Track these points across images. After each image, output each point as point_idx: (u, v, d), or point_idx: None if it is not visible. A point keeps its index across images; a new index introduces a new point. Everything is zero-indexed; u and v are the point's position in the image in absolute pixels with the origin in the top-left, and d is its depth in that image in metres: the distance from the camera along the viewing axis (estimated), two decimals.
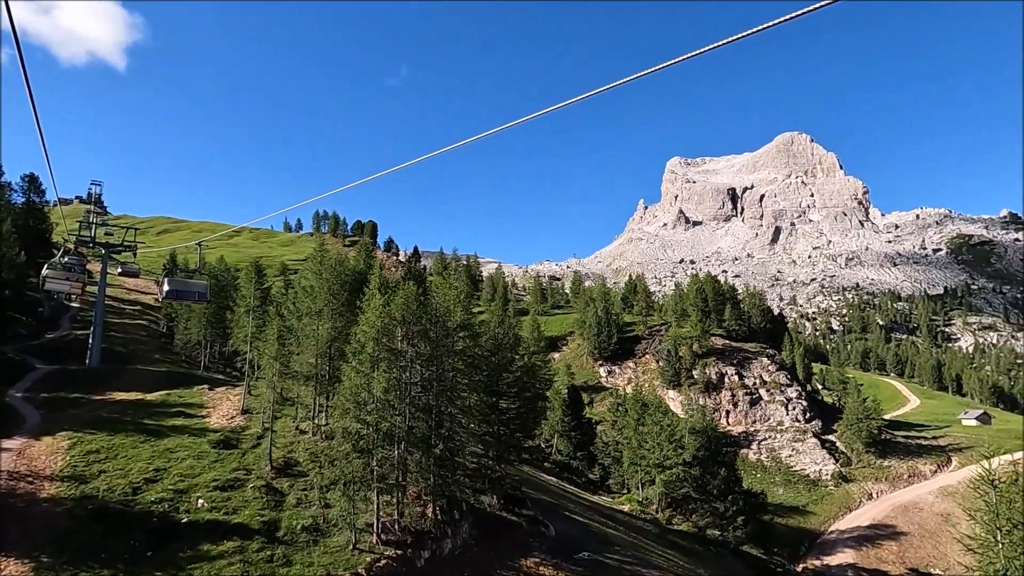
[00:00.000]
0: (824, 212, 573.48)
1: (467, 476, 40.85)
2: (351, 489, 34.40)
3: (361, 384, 36.01)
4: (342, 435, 34.85)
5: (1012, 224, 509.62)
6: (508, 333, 47.76)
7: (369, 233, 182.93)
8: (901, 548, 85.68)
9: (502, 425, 45.58)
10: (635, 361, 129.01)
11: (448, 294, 43.51)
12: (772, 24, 5.16)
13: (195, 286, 18.16)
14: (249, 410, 51.48)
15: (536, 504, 49.89)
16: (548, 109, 7.60)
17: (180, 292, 17.88)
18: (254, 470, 41.65)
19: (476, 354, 43.18)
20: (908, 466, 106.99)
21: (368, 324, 37.35)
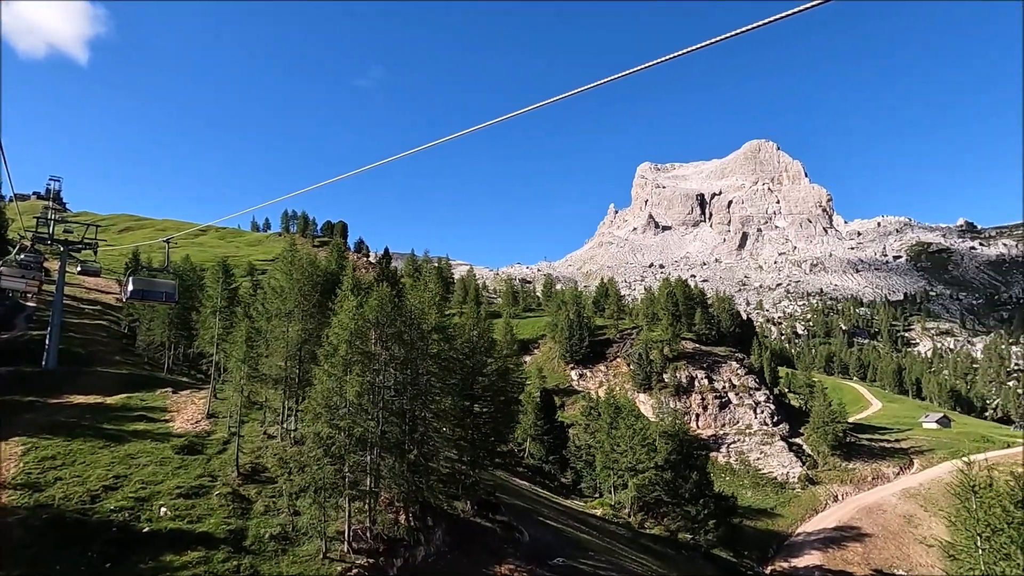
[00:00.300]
0: (790, 219, 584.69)
1: (441, 481, 40.09)
2: (322, 496, 33.42)
3: (333, 388, 35.06)
4: (313, 440, 33.84)
5: (968, 233, 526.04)
6: (483, 336, 47.13)
7: (339, 234, 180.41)
8: (866, 549, 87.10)
9: (476, 429, 44.91)
10: (606, 364, 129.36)
11: (423, 296, 42.74)
12: (742, 31, 5.12)
13: (162, 286, 17.09)
14: (215, 414, 49.97)
15: (510, 509, 49.31)
16: (519, 111, 7.51)
17: (146, 292, 16.75)
18: (220, 476, 40.32)
19: (451, 357, 42.49)
20: (872, 468, 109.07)
21: (341, 326, 36.41)
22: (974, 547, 26.46)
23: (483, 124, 7.95)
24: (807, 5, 4.44)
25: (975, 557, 26.23)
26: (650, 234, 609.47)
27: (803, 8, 4.64)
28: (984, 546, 25.88)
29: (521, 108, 7.47)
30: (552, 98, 6.95)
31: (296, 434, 44.22)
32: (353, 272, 53.74)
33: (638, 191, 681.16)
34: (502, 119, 7.82)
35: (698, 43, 5.47)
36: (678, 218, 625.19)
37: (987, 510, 26.68)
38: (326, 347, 36.62)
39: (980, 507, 27.07)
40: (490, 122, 7.88)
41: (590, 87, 6.28)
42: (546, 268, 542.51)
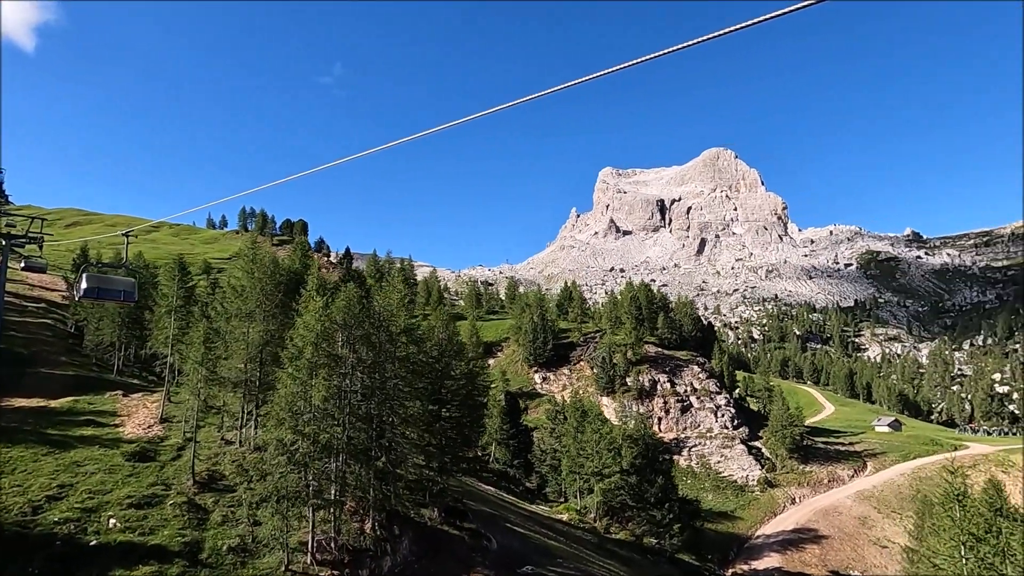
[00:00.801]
0: (746, 226, 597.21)
1: (408, 489, 38.87)
2: (284, 505, 31.90)
3: (298, 392, 33.58)
4: (276, 447, 32.29)
5: (914, 242, 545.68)
6: (452, 339, 46.04)
7: (299, 232, 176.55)
8: (823, 551, 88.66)
9: (445, 434, 43.78)
10: (570, 368, 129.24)
11: (391, 297, 41.44)
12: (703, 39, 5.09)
13: (119, 283, 15.56)
14: (169, 418, 47.74)
15: (477, 516, 48.30)
16: (481, 113, 7.42)
17: (101, 290, 15.20)
18: (174, 485, 38.36)
19: (420, 361, 41.29)
20: (828, 471, 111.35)
21: (307, 328, 34.91)
22: (959, 556, 26.64)
23: (444, 125, 7.84)
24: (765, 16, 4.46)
25: (959, 566, 26.39)
26: (611, 238, 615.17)
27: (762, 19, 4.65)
28: (968, 555, 26.07)
29: (483, 110, 7.40)
30: (514, 101, 6.91)
31: (257, 440, 42.43)
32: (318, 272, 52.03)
33: (600, 195, 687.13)
34: (464, 120, 7.71)
35: (660, 50, 5.52)
36: (639, 223, 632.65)
37: (970, 519, 26.90)
38: (290, 349, 35.09)
39: (964, 516, 27.30)
40: (451, 123, 7.72)
41: (552, 91, 6.32)
42: (508, 270, 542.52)
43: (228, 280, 51.25)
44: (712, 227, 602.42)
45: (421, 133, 8.35)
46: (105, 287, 15.80)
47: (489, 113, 7.25)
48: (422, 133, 8.36)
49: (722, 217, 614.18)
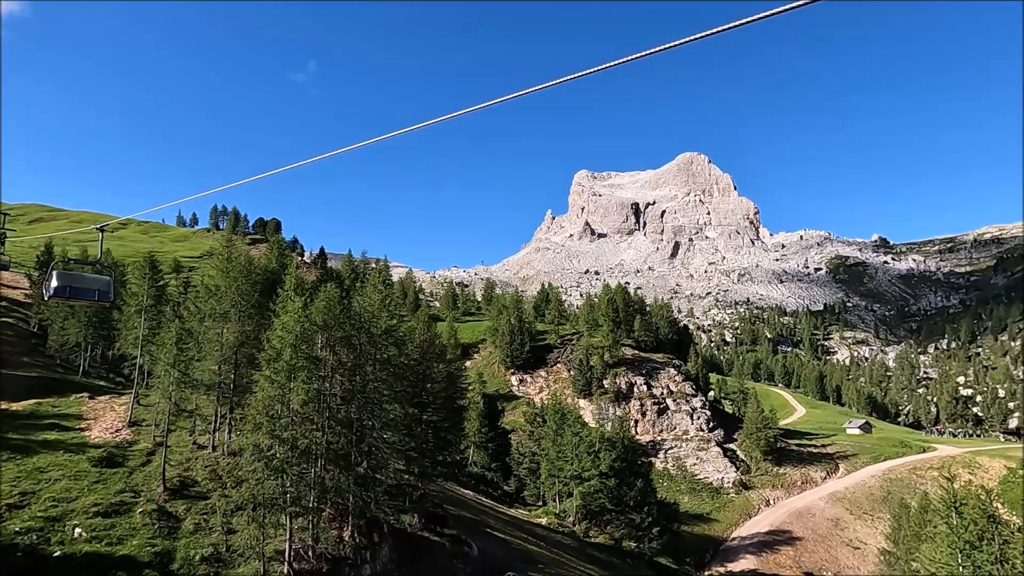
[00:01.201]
0: (719, 230, 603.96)
1: (388, 494, 37.86)
2: (261, 513, 30.74)
3: (275, 396, 32.43)
4: (253, 452, 31.10)
5: (882, 248, 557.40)
6: (434, 341, 45.12)
7: (273, 231, 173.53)
8: (797, 553, 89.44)
9: (426, 439, 42.85)
10: (547, 370, 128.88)
11: (372, 298, 40.41)
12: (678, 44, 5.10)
13: (94, 282, 14.20)
14: (138, 422, 46.09)
15: (457, 521, 47.45)
16: (457, 113, 7.35)
17: (75, 289, 13.82)
18: (144, 492, 36.91)
19: (401, 363, 40.33)
20: (801, 473, 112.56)
21: (286, 329, 33.77)
22: (956, 563, 26.62)
23: (419, 125, 7.81)
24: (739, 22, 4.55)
25: (957, 573, 26.35)
26: (586, 241, 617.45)
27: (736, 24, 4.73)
28: (966, 563, 26.07)
29: (458, 110, 7.30)
30: (490, 101, 6.82)
31: (231, 445, 41.07)
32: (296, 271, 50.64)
33: (575, 198, 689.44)
34: (439, 120, 7.64)
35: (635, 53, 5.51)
36: (613, 226, 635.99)
37: (967, 527, 26.89)
38: (268, 351, 33.90)
39: (961, 524, 27.28)
40: (427, 123, 7.68)
41: (527, 92, 6.31)
42: (483, 272, 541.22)
43: (202, 279, 49.68)
44: (686, 231, 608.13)
45: (395, 132, 8.24)
46: (78, 286, 14.35)
47: (464, 113, 7.18)
48: (396, 132, 8.25)
49: (695, 221, 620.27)
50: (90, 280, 14.35)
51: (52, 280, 14.04)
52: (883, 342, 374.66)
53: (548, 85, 6.10)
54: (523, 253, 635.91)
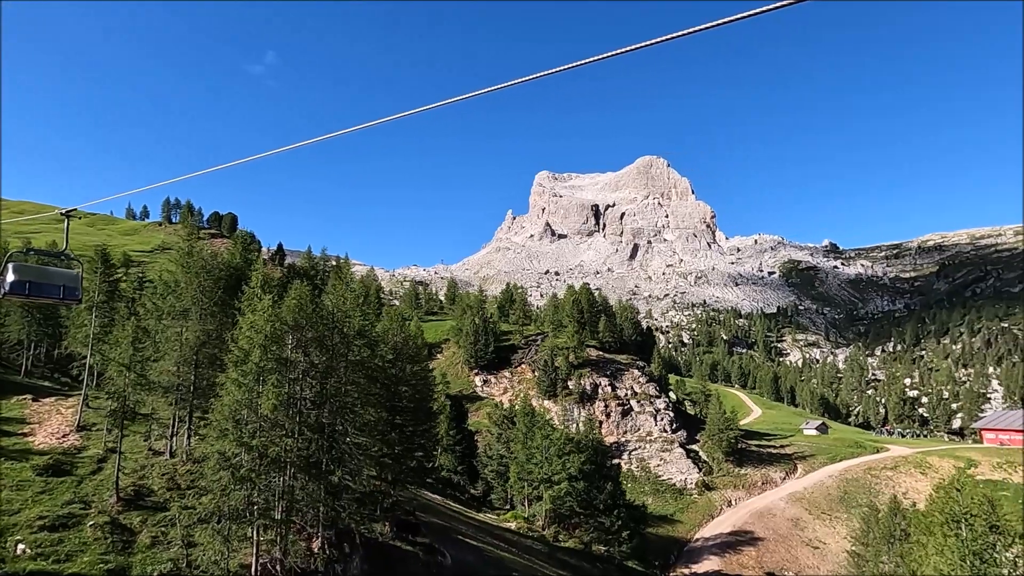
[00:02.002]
0: (677, 233, 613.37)
1: (359, 502, 36.05)
2: (226, 526, 28.65)
3: (243, 400, 30.33)
4: (218, 461, 28.95)
5: (832, 253, 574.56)
6: (407, 342, 43.41)
7: (228, 226, 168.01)
8: (759, 553, 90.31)
9: (399, 444, 41.11)
10: (511, 371, 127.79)
11: (345, 296, 38.47)
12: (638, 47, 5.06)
13: (60, 277, 11.85)
14: (87, 426, 43.09)
15: (429, 529, 45.81)
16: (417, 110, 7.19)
17: (36, 286, 11.35)
18: (95, 503, 34.28)
19: (375, 365, 38.51)
20: (762, 473, 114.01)
21: (254, 329, 31.66)
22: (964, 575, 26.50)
23: (378, 120, 7.66)
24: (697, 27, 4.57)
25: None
26: (546, 241, 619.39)
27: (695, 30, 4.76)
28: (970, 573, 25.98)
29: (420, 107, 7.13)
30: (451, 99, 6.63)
31: (191, 451, 38.59)
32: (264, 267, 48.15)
33: (536, 199, 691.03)
34: (399, 116, 7.54)
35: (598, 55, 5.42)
36: (574, 227, 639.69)
37: (975, 539, 26.73)
38: (235, 352, 31.72)
39: (970, 536, 27.15)
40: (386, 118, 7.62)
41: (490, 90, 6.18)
42: (443, 271, 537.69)
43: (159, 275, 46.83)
44: (644, 233, 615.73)
45: (353, 128, 7.99)
46: (40, 281, 12.01)
47: (425, 110, 7.06)
48: (354, 128, 8.00)
49: (654, 224, 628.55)
50: (54, 275, 12.13)
51: (7, 274, 11.75)
52: (833, 344, 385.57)
53: (509, 84, 5.95)
54: (483, 252, 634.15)
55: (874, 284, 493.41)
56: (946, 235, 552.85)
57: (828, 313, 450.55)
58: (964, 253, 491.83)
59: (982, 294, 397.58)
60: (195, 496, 31.54)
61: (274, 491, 31.07)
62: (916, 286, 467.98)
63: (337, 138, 7.43)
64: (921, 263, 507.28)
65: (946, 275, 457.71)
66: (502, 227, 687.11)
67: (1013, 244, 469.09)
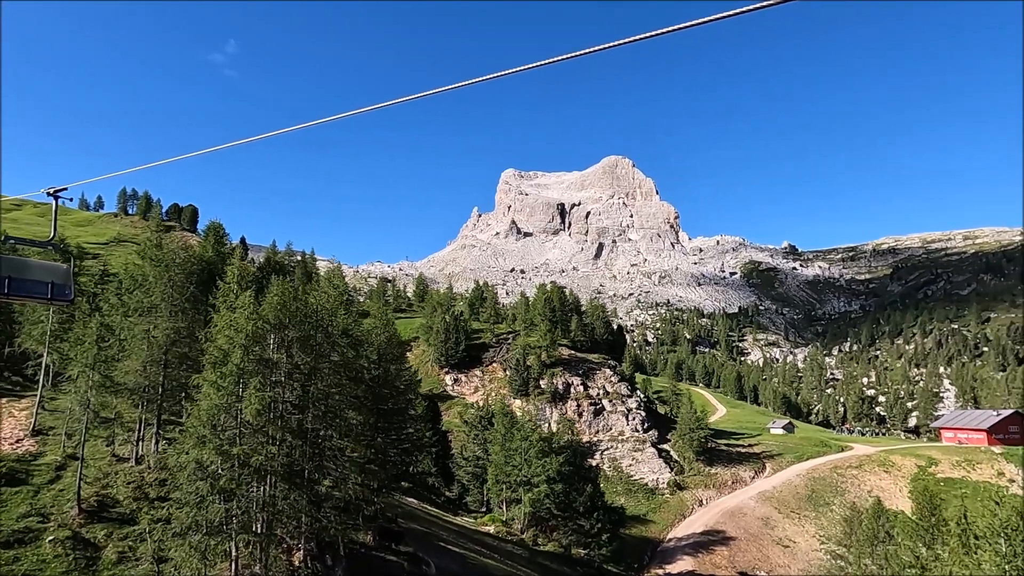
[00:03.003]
0: (641, 232, 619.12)
1: (343, 511, 34.07)
2: (205, 541, 26.46)
3: (223, 404, 28.11)
4: (196, 471, 26.72)
5: (791, 255, 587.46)
6: (392, 342, 41.49)
7: (188, 219, 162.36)
8: (731, 552, 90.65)
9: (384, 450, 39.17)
10: (482, 369, 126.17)
11: (329, 293, 36.37)
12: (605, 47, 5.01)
13: (45, 271, 8.74)
14: (43, 430, 40.05)
15: (411, 536, 43.98)
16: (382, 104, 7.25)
17: (16, 282, 8.44)
18: (54, 515, 31.62)
19: (360, 366, 36.51)
20: (731, 473, 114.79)
21: (234, 328, 29.43)
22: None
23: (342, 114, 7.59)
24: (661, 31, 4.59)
25: None
26: (512, 239, 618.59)
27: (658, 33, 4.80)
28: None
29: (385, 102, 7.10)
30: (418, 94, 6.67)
31: (159, 457, 36.03)
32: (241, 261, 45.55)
33: (502, 196, 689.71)
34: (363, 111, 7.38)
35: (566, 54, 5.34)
36: (539, 225, 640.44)
37: (1016, 553, 26.21)
38: (213, 353, 29.44)
39: (1010, 550, 26.63)
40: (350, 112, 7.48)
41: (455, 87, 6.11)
42: (408, 267, 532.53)
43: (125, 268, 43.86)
44: (610, 232, 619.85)
45: (316, 121, 7.74)
46: (21, 277, 9.40)
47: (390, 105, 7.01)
48: (318, 121, 7.76)
49: (619, 223, 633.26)
50: (38, 269, 9.74)
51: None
52: (792, 344, 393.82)
53: (475, 81, 5.85)
54: (449, 250, 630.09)
55: (831, 285, 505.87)
56: (899, 239, 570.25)
57: (787, 313, 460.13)
58: (916, 256, 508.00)
59: (933, 296, 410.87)
60: (167, 507, 29.20)
61: (255, 502, 28.93)
62: (871, 288, 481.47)
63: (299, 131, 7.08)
64: (876, 265, 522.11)
65: (899, 277, 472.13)
66: (468, 224, 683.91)
67: (962, 248, 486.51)
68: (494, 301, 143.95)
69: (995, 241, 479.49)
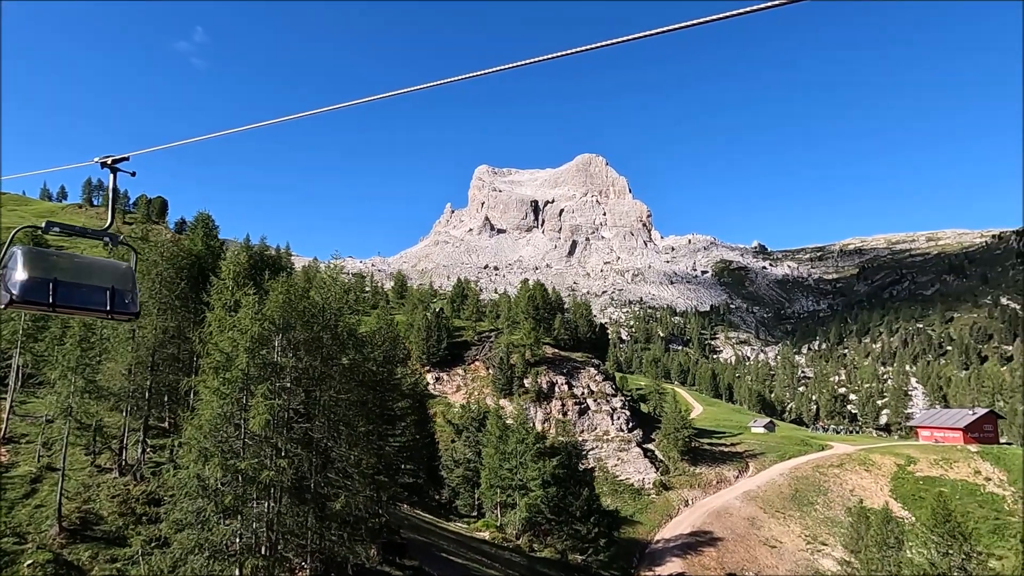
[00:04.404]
0: (614, 230, 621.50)
1: (350, 526, 31.66)
2: (208, 566, 23.88)
3: (227, 413, 25.50)
4: (198, 489, 24.09)
5: (761, 254, 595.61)
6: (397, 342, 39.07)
7: (158, 211, 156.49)
8: (719, 554, 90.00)
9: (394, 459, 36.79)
10: (464, 368, 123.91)
11: (333, 291, 33.81)
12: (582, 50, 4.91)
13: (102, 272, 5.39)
14: (15, 438, 36.73)
15: (414, 547, 41.65)
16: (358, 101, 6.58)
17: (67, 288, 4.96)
18: (31, 535, 28.61)
19: (369, 369, 34.07)
20: (716, 472, 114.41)
21: (239, 329, 26.79)
22: None
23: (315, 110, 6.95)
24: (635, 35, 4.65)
25: None
26: (485, 236, 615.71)
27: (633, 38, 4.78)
28: None
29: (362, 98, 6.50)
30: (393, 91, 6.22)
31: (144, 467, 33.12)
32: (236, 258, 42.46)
33: (475, 192, 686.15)
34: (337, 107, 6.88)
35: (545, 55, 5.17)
36: (513, 222, 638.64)
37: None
38: (215, 356, 26.76)
39: None
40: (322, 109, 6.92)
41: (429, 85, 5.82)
42: (380, 263, 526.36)
43: None
44: (583, 230, 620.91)
45: (290, 116, 7.30)
46: (73, 281, 6.59)
47: (367, 101, 6.57)
48: (290, 117, 7.30)
49: (592, 221, 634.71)
50: (95, 269, 6.73)
51: (14, 269, 6.14)
52: (763, 342, 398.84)
53: (450, 81, 5.65)
54: (421, 246, 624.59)
55: (800, 285, 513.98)
56: (865, 239, 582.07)
57: (757, 312, 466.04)
58: (882, 257, 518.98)
59: (898, 296, 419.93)
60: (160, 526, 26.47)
61: (261, 520, 26.38)
62: (838, 287, 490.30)
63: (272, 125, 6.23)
64: (843, 265, 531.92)
65: (866, 277, 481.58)
66: (440, 220, 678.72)
67: (926, 249, 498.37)
68: (476, 298, 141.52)
69: (957, 243, 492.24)
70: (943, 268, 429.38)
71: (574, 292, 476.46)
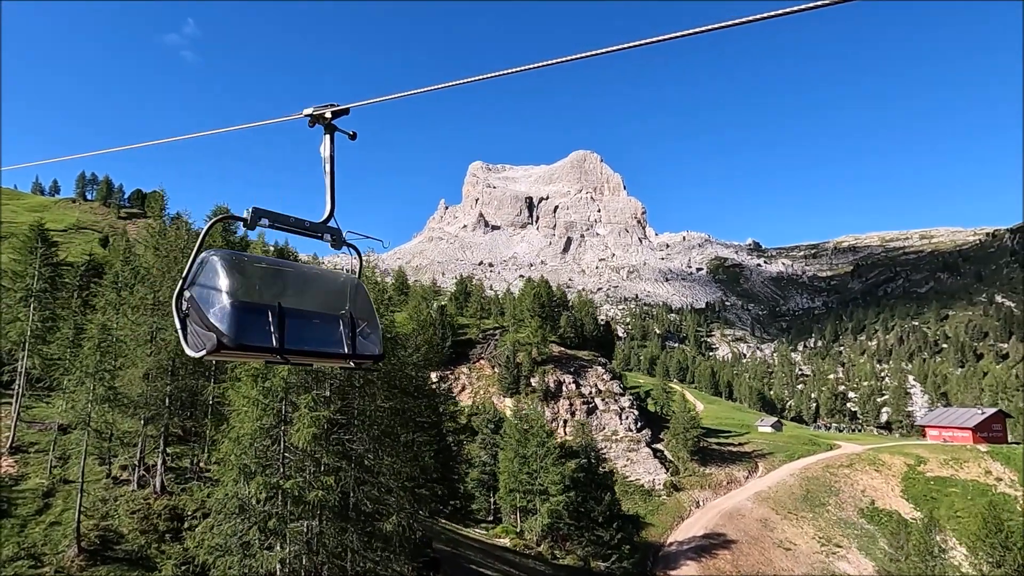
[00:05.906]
0: (609, 227, 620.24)
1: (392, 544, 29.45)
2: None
3: (267, 426, 23.21)
4: (239, 512, 21.81)
5: (755, 251, 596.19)
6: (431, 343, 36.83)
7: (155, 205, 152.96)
8: (734, 556, 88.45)
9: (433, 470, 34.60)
10: (469, 366, 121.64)
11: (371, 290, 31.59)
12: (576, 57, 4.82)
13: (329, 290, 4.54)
14: (23, 448, 34.29)
15: (445, 561, 39.49)
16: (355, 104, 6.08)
17: (295, 319, 3.91)
18: (47, 556, 26.23)
19: (407, 374, 31.84)
20: (726, 473, 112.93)
21: None
22: None
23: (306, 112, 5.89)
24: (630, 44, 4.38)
25: None
26: (480, 232, 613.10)
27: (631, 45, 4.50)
28: None
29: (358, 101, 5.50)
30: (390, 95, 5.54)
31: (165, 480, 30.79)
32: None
33: (469, 189, 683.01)
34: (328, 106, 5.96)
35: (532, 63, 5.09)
36: (507, 219, 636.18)
37: None
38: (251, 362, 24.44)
39: None
40: (314, 108, 6.02)
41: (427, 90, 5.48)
42: (373, 259, 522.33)
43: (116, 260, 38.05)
44: (577, 227, 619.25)
45: (290, 116, 5.88)
46: (299, 307, 4.12)
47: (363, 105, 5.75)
48: (288, 117, 5.94)
49: (587, 218, 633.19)
50: (321, 285, 4.53)
51: (215, 286, 3.74)
52: (759, 340, 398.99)
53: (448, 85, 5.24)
54: (415, 242, 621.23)
55: (794, 282, 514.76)
56: (859, 237, 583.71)
57: (753, 309, 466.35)
58: (876, 254, 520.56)
59: (892, 294, 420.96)
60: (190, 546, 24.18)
61: (302, 543, 24.14)
62: (833, 284, 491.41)
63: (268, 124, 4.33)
64: (837, 263, 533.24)
65: (860, 275, 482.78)
66: (434, 217, 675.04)
67: (919, 247, 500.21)
68: (480, 295, 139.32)
69: (950, 241, 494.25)
70: (937, 266, 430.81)
71: (569, 289, 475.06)
